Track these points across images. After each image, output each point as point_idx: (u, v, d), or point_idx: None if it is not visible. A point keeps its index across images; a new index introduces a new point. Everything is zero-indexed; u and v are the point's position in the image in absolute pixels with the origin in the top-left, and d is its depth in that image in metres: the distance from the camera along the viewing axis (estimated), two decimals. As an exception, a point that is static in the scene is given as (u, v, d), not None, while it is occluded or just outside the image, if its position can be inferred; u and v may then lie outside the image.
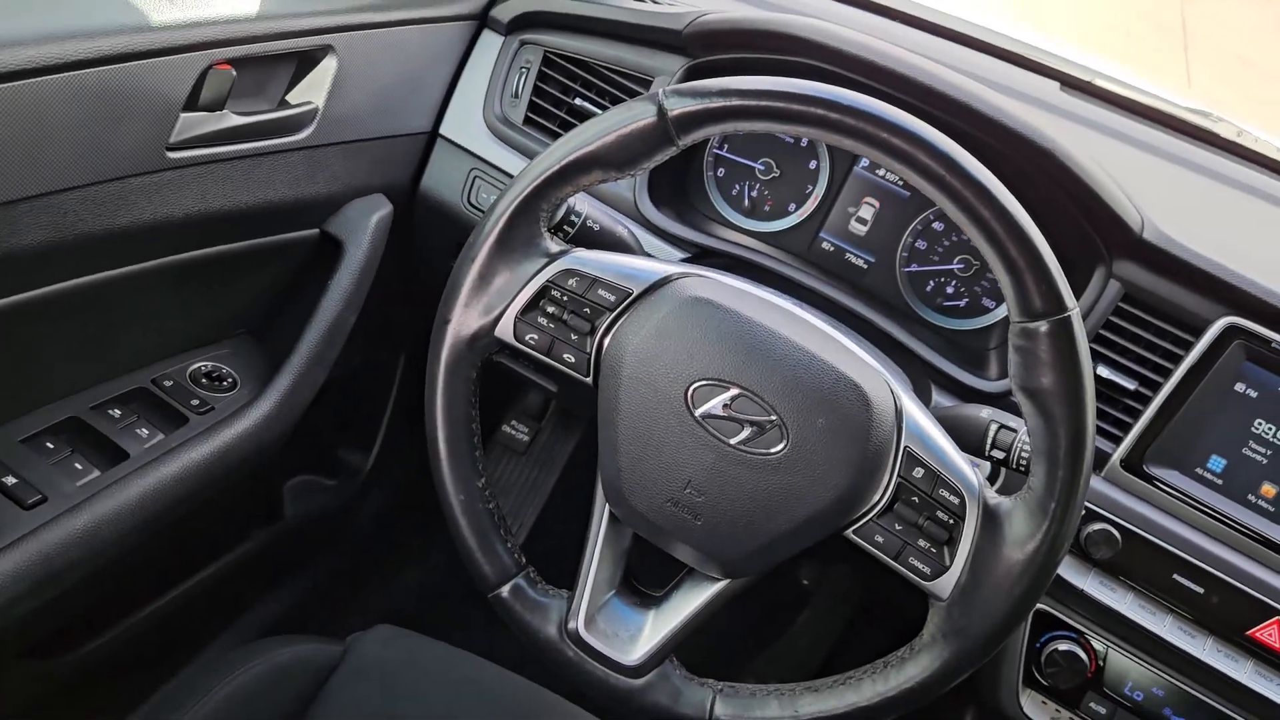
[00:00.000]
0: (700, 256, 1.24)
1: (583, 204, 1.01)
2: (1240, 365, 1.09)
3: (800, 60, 1.16)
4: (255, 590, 1.53)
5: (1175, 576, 1.07)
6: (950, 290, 1.25)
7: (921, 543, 0.84)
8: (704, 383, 0.85)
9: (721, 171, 1.32)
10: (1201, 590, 1.07)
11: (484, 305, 0.90)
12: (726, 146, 1.32)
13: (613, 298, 0.89)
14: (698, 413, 0.85)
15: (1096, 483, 1.10)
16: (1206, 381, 1.08)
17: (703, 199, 1.33)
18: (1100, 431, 1.12)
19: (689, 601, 0.91)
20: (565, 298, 0.89)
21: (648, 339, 0.87)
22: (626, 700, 0.90)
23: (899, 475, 0.84)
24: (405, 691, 1.06)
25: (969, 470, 0.84)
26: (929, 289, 1.27)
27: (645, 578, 0.97)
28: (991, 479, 1.11)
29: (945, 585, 0.83)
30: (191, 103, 0.97)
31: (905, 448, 0.85)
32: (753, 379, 0.84)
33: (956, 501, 0.83)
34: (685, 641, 0.92)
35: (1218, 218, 1.28)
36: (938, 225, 1.24)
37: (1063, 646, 1.11)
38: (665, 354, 0.86)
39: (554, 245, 0.91)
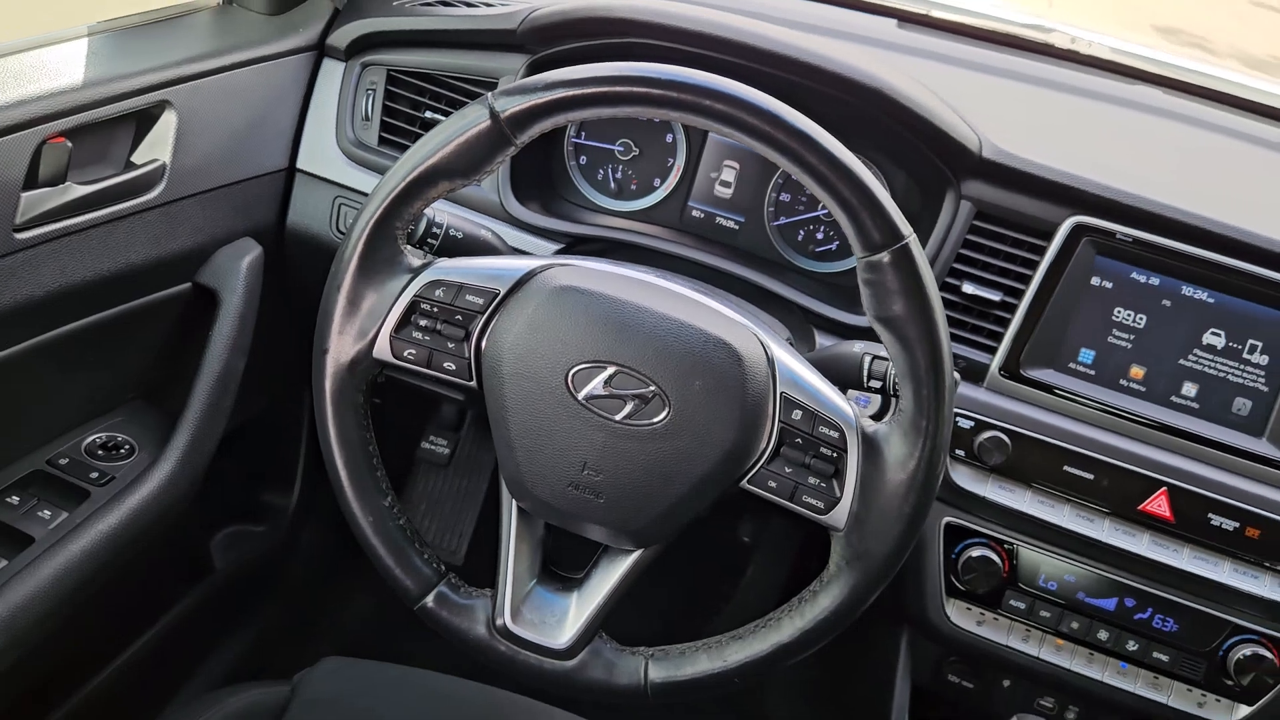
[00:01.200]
0: (574, 245, 1.26)
1: (443, 215, 1.03)
2: (1093, 260, 1.15)
3: (636, 41, 1.18)
4: (199, 647, 1.53)
5: (1066, 468, 1.13)
6: (820, 236, 1.30)
7: (811, 480, 0.88)
8: (582, 366, 0.88)
9: (583, 159, 1.35)
10: (1091, 476, 1.13)
11: (358, 330, 0.91)
12: (584, 134, 1.34)
13: (481, 300, 0.91)
14: (581, 396, 0.88)
15: (981, 393, 1.16)
16: (1064, 281, 1.14)
17: (569, 188, 1.35)
18: (976, 344, 1.17)
19: (608, 577, 0.94)
20: (435, 309, 0.91)
21: (522, 334, 0.89)
22: (564, 682, 0.93)
23: (779, 421, 0.88)
24: (358, 719, 1.08)
25: (844, 404, 0.88)
26: (800, 238, 1.31)
27: (565, 562, 0.99)
28: (883, 410, 1.16)
29: (840, 515, 0.87)
30: (30, 181, 0.97)
31: (781, 394, 0.88)
32: (627, 355, 0.87)
33: (836, 435, 0.87)
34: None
35: (1058, 125, 1.34)
36: None
37: (975, 553, 1.16)
38: (541, 345, 0.89)
39: (416, 260, 0.92)
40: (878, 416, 0.91)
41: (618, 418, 0.87)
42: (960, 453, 1.15)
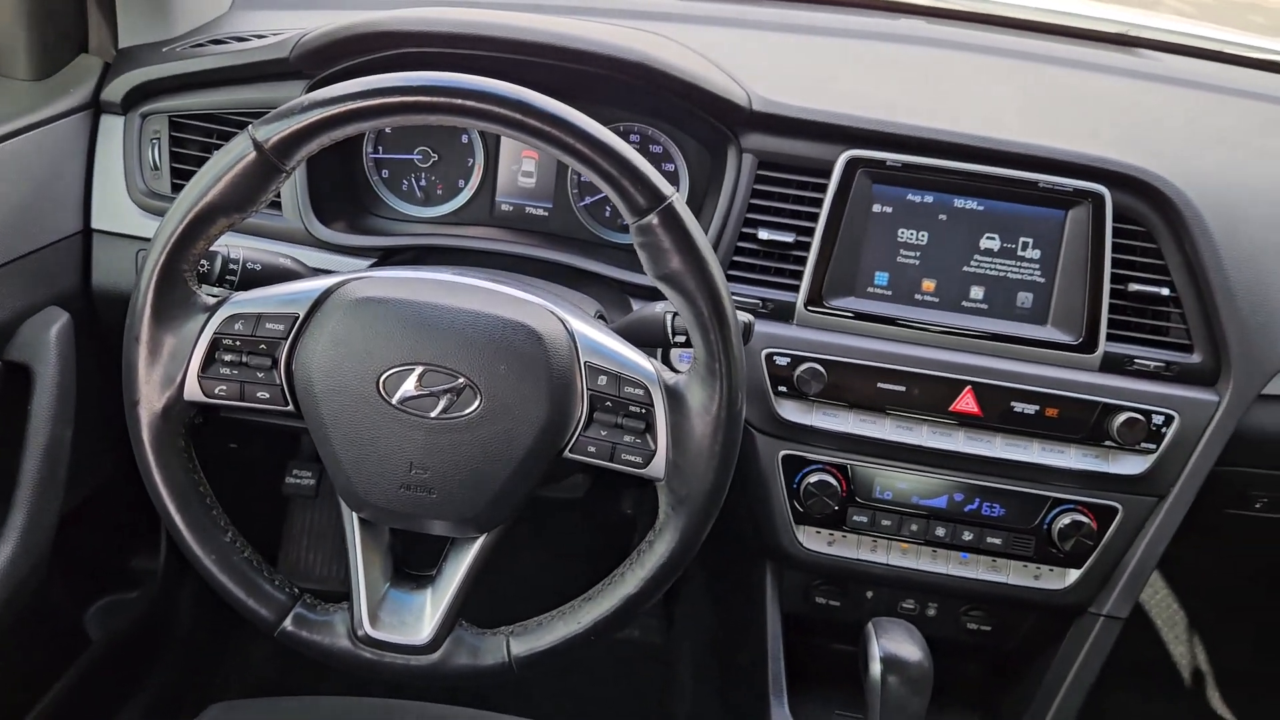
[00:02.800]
0: (387, 257, 1.29)
1: (239, 250, 1.04)
2: (870, 189, 1.23)
3: (408, 51, 1.21)
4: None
5: (880, 385, 1.22)
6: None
7: (627, 438, 0.93)
8: (391, 371, 0.91)
9: (385, 172, 1.37)
10: (903, 388, 1.21)
11: (163, 376, 0.92)
12: (380, 148, 1.36)
13: (282, 326, 0.93)
14: (394, 400, 0.91)
15: (792, 330, 1.23)
16: (848, 213, 1.22)
17: (376, 203, 1.37)
18: (781, 285, 1.24)
19: (459, 567, 0.97)
20: (238, 342, 0.93)
21: (327, 351, 0.92)
22: (432, 674, 0.96)
23: (588, 389, 0.93)
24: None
25: (644, 361, 0.94)
26: (607, 214, 1.36)
27: (418, 560, 1.03)
28: None
29: (659, 466, 0.93)
30: None
31: (585, 363, 0.93)
32: (432, 353, 0.91)
33: (641, 393, 0.92)
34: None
35: (827, 68, 1.42)
36: None
37: (814, 479, 1.24)
38: (347, 359, 0.91)
39: (209, 299, 0.94)
40: None
41: (434, 414, 0.91)
42: (783, 388, 1.22)
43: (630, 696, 1.89)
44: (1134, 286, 1.21)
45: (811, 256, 1.22)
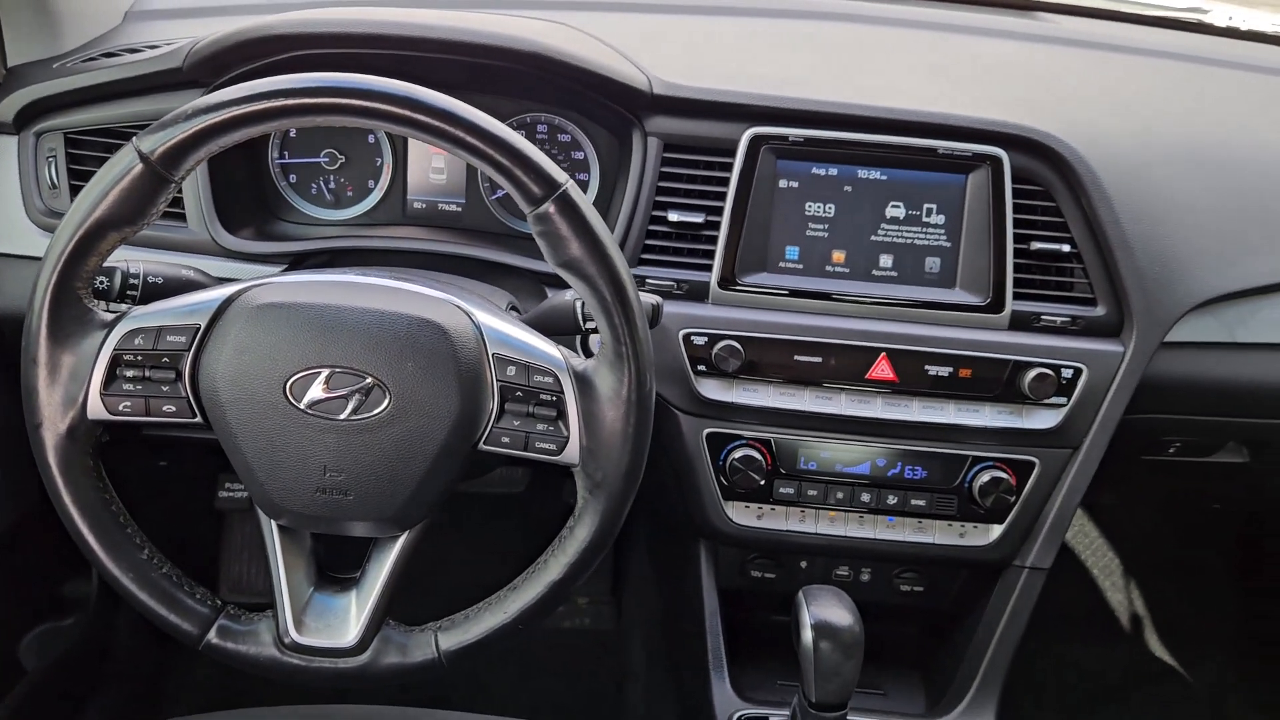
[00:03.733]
0: (298, 262, 1.28)
1: (138, 265, 1.03)
2: (775, 165, 1.24)
3: (303, 54, 1.20)
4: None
5: (796, 357, 1.23)
6: (536, 200, 1.35)
7: (540, 426, 0.93)
8: (297, 376, 0.91)
9: (293, 177, 1.36)
10: (820, 359, 1.23)
11: (65, 397, 0.91)
12: (286, 153, 1.35)
13: (183, 339, 0.92)
14: (303, 404, 0.91)
15: (707, 309, 1.24)
16: (755, 190, 1.23)
17: (286, 209, 1.36)
18: (694, 266, 1.25)
19: (382, 566, 0.98)
20: (139, 357, 0.92)
21: (231, 360, 0.91)
22: (361, 676, 0.96)
23: (497, 380, 0.93)
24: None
25: (552, 349, 0.94)
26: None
27: (343, 562, 1.02)
28: None
29: (573, 452, 0.93)
30: None
31: (493, 354, 0.93)
32: (337, 355, 0.91)
33: (551, 380, 0.93)
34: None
35: (730, 48, 1.43)
36: None
37: (738, 454, 1.25)
38: (252, 366, 0.91)
39: (107, 315, 0.93)
40: None
41: (343, 416, 0.91)
42: (702, 367, 1.23)
43: (587, 686, 1.90)
44: (1036, 245, 1.24)
45: (722, 235, 1.23)
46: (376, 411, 0.91)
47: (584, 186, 1.34)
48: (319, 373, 0.90)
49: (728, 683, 1.30)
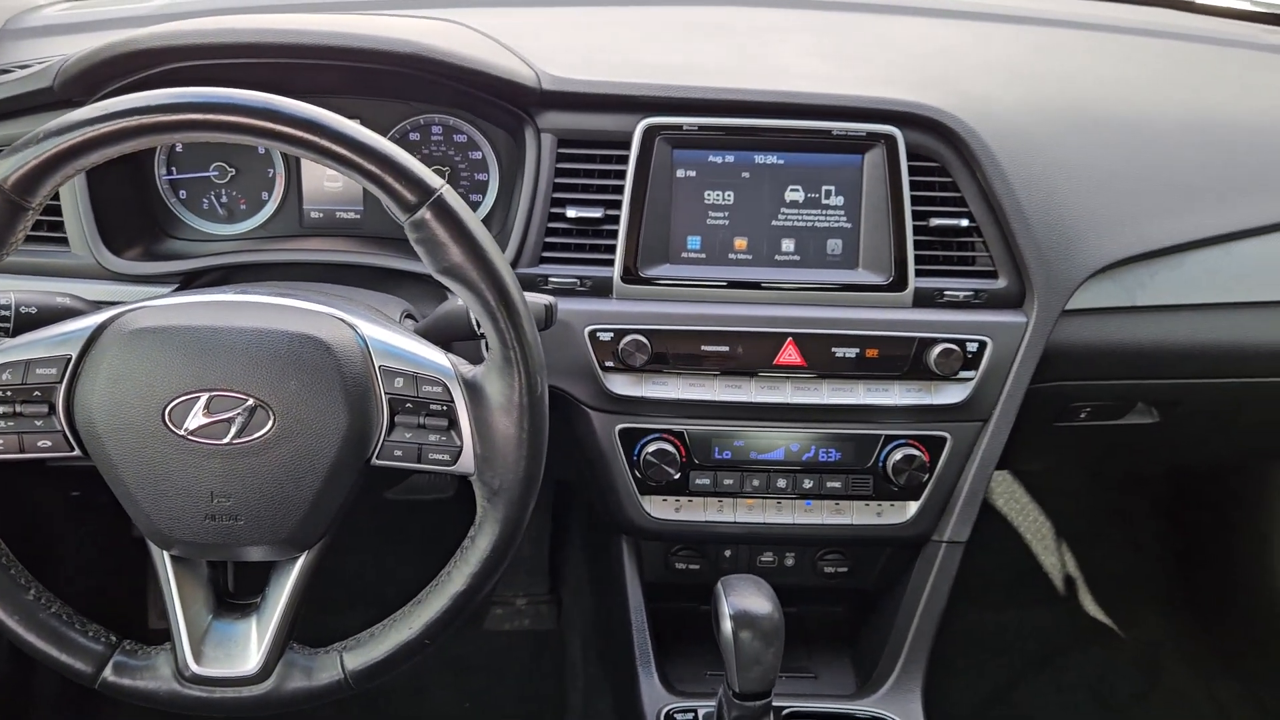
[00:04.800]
0: (190, 281, 1.24)
1: (8, 295, 0.99)
2: (671, 155, 1.23)
3: (178, 66, 1.17)
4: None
5: (703, 348, 1.23)
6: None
7: (432, 437, 0.92)
8: (176, 402, 0.88)
9: (183, 193, 1.32)
10: (727, 348, 1.23)
11: None
12: (174, 168, 1.31)
13: (54, 370, 0.89)
14: (183, 430, 0.88)
15: (611, 304, 1.23)
16: (652, 181, 1.22)
17: (177, 226, 1.32)
18: (595, 261, 1.24)
19: (282, 589, 0.95)
20: (8, 393, 0.88)
21: (106, 389, 0.88)
22: (266, 703, 0.94)
23: (386, 393, 0.91)
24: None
25: (440, 358, 0.93)
26: (419, 210, 1.34)
27: (244, 587, 1.00)
28: None
29: (468, 461, 0.92)
30: None
31: (380, 367, 0.92)
32: (215, 378, 0.88)
33: (440, 390, 0.91)
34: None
35: (623, 39, 1.41)
36: None
37: (651, 448, 1.24)
38: (128, 394, 0.88)
39: None
40: None
41: (226, 440, 0.88)
42: (610, 363, 1.22)
43: (528, 687, 1.89)
44: (935, 221, 1.24)
45: (622, 229, 1.22)
46: (261, 433, 0.89)
47: (483, 186, 1.33)
48: (198, 397, 0.88)
49: (655, 678, 1.30)
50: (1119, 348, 1.30)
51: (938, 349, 1.22)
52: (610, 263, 1.23)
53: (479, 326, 1.02)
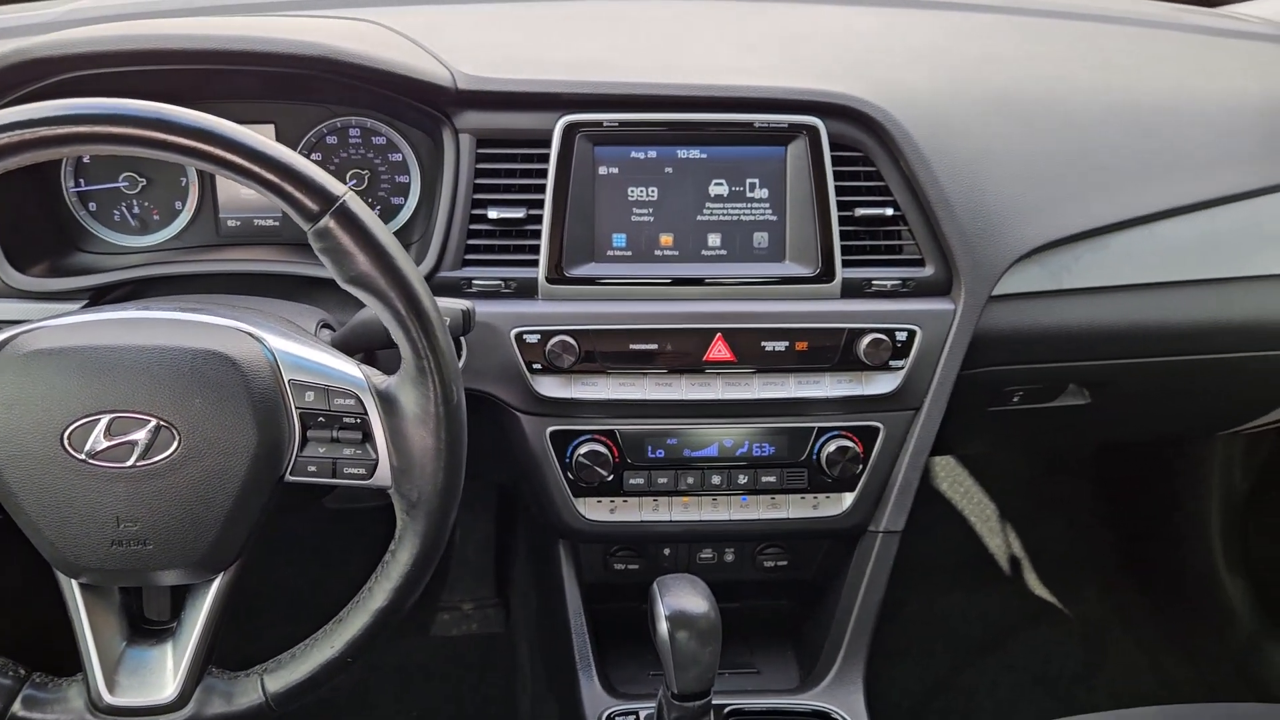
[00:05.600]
0: (101, 296, 1.20)
1: None
2: (593, 152, 1.21)
3: (76, 75, 1.13)
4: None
5: (632, 346, 1.21)
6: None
7: (346, 451, 0.89)
8: (74, 426, 0.85)
9: (93, 205, 1.28)
10: (656, 346, 1.21)
11: None
12: (82, 180, 1.27)
13: None
14: (83, 454, 0.85)
15: (537, 305, 1.21)
16: (574, 180, 1.20)
17: (88, 239, 1.28)
18: (520, 263, 1.22)
19: (198, 612, 0.93)
20: None
21: (0, 416, 0.85)
22: None
23: (296, 407, 0.89)
24: None
25: (352, 369, 0.90)
26: (339, 215, 1.31)
27: (160, 611, 0.97)
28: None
29: (384, 474, 0.90)
30: None
31: (290, 381, 0.89)
32: (116, 399, 0.85)
33: (353, 402, 0.89)
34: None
35: (542, 35, 1.39)
36: None
37: (583, 449, 1.23)
38: (23, 420, 0.85)
39: None
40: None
41: (130, 463, 0.85)
42: (537, 365, 1.20)
43: (478, 691, 1.87)
44: (860, 211, 1.23)
45: (545, 229, 1.20)
46: (166, 454, 0.86)
47: (405, 189, 1.30)
48: (98, 420, 0.85)
49: (596, 681, 1.28)
50: (1047, 331, 1.30)
51: (867, 339, 1.22)
52: (535, 263, 1.21)
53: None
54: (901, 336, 1.23)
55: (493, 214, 1.20)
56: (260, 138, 0.83)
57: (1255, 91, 1.39)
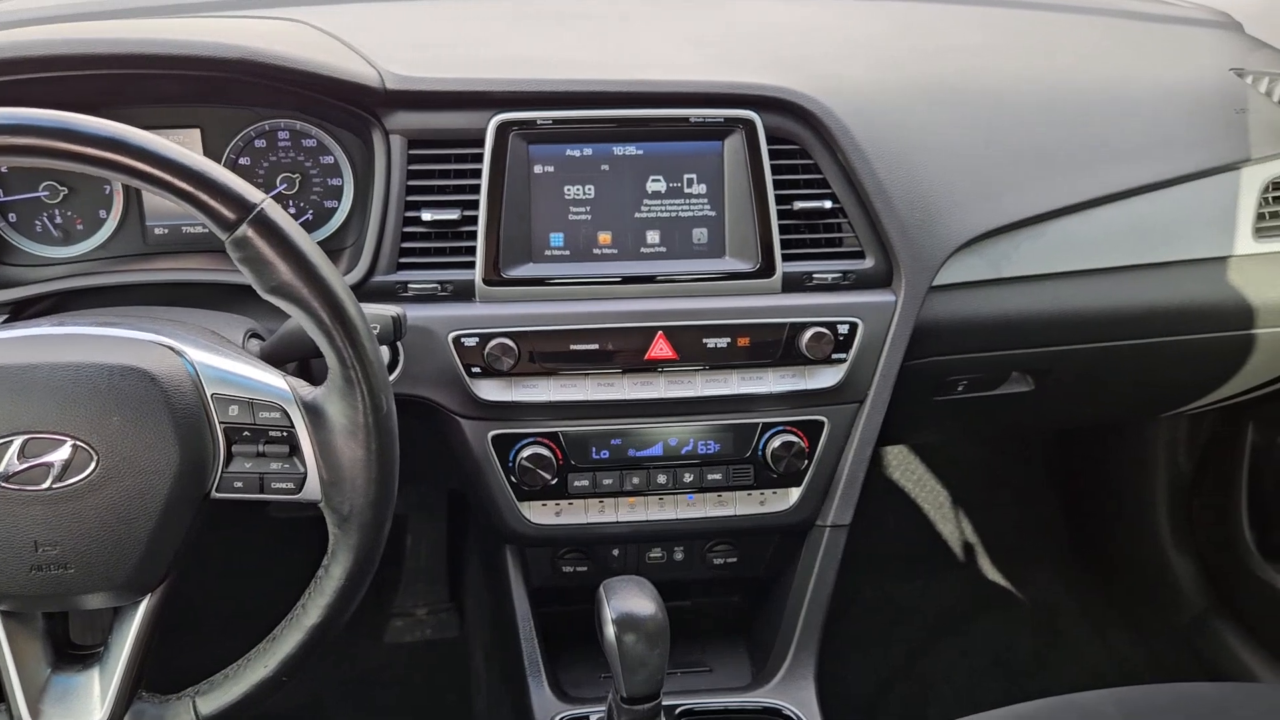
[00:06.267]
0: (20, 311, 1.17)
1: None
2: (527, 151, 1.19)
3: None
4: None
5: (572, 347, 1.19)
6: (294, 212, 1.27)
7: (274, 466, 0.87)
8: None
9: (12, 216, 1.24)
10: (596, 346, 1.20)
11: None
12: (0, 191, 1.23)
13: None
14: None
15: (475, 308, 1.18)
16: (509, 179, 1.18)
17: (8, 250, 1.24)
18: (456, 265, 1.20)
19: (125, 635, 0.90)
20: None
21: None
22: None
23: (220, 422, 0.86)
24: None
25: (277, 381, 0.88)
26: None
27: (87, 634, 0.94)
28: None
29: (314, 488, 0.88)
30: None
31: (212, 395, 0.86)
32: (29, 419, 0.82)
33: (278, 415, 0.87)
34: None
35: (475, 33, 1.37)
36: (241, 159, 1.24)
37: (526, 453, 1.21)
38: None
39: None
40: None
41: (46, 485, 0.83)
42: (477, 369, 1.18)
43: (433, 698, 1.85)
44: (799, 204, 1.23)
45: (481, 230, 1.18)
46: (84, 475, 0.83)
47: (338, 192, 1.27)
48: (10, 441, 0.82)
49: (546, 687, 1.27)
50: (988, 320, 1.30)
51: (809, 333, 1.21)
52: (471, 265, 1.19)
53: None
54: (843, 330, 1.23)
55: (427, 216, 1.18)
56: (173, 145, 0.80)
57: (1186, 77, 1.41)
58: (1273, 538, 1.75)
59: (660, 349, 1.21)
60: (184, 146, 1.20)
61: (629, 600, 1.07)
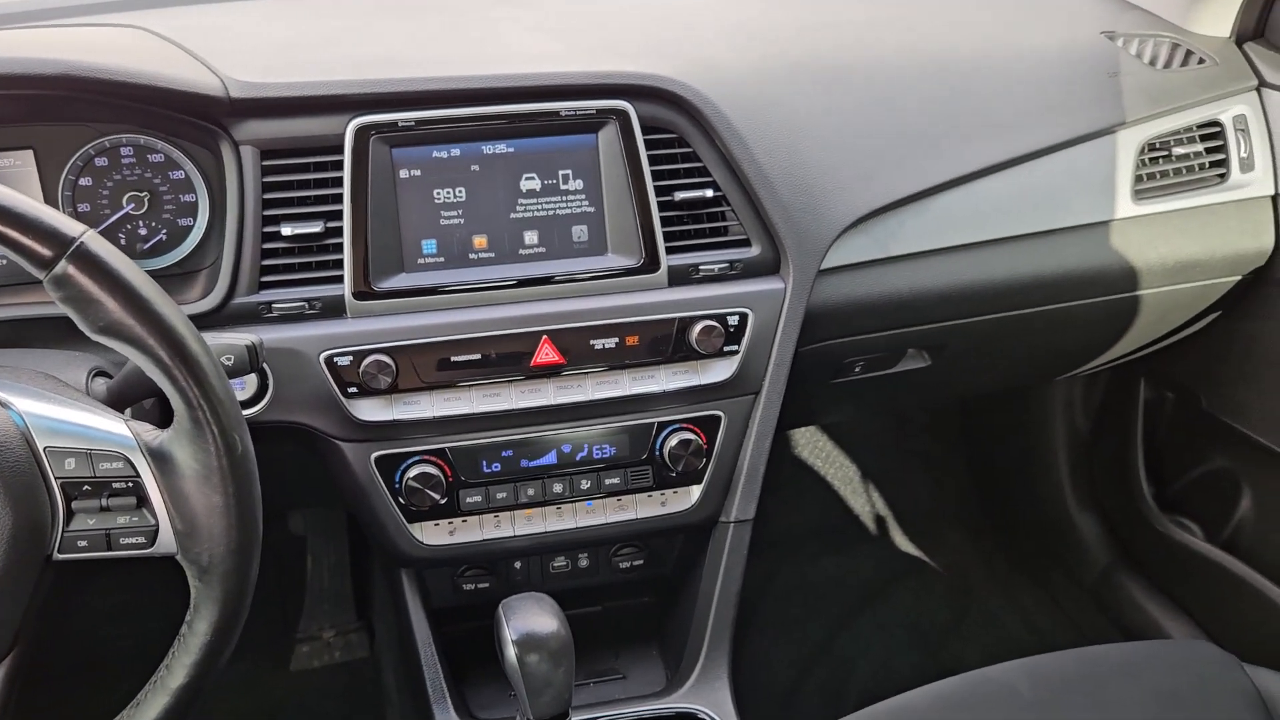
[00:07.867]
0: None
1: None
2: (390, 155, 1.13)
3: None
4: None
5: (453, 359, 1.14)
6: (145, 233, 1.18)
7: (121, 520, 0.80)
8: None
9: None
10: (478, 355, 1.14)
11: None
12: None
13: None
14: None
15: (347, 325, 1.12)
16: (373, 186, 1.12)
17: None
18: (323, 280, 1.13)
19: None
20: None
21: None
22: None
23: (57, 477, 0.79)
24: None
25: (118, 427, 0.81)
26: (121, 243, 1.19)
27: None
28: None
29: (168, 540, 0.81)
30: None
31: (45, 449, 0.79)
32: None
33: (122, 465, 0.80)
34: None
35: (328, 33, 1.29)
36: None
37: (413, 472, 1.15)
38: None
39: None
40: None
41: None
42: (353, 388, 1.12)
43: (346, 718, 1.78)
44: (680, 194, 1.19)
45: (347, 242, 1.12)
46: None
47: (192, 209, 1.19)
48: None
49: (452, 711, 1.22)
50: (879, 300, 1.29)
51: (699, 327, 1.18)
52: (339, 280, 1.13)
53: None
54: (734, 321, 1.19)
55: (287, 230, 1.11)
56: None
57: (1059, 43, 1.41)
58: (1169, 491, 1.79)
59: (546, 354, 1.16)
60: (15, 169, 1.12)
61: (529, 619, 1.03)
